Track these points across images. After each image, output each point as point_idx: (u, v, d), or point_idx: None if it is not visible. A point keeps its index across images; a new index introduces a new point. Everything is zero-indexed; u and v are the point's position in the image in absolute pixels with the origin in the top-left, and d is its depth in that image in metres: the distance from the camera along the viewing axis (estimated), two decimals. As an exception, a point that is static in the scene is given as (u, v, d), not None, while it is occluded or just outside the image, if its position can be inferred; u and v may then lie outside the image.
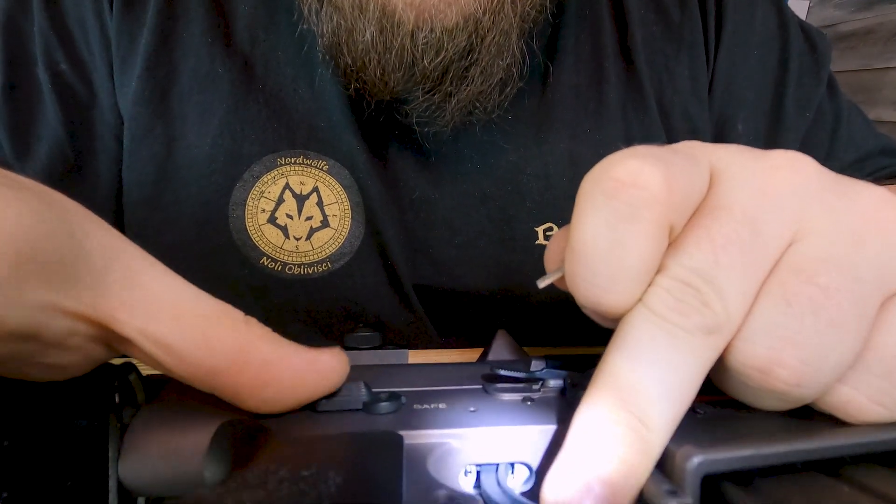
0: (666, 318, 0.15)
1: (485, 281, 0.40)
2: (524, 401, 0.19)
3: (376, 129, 0.40)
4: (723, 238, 0.15)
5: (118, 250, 0.15)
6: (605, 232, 0.15)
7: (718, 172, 0.17)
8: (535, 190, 0.40)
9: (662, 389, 0.15)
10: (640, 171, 0.15)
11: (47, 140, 0.37)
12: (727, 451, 0.14)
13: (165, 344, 0.15)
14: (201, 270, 0.38)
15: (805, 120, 0.46)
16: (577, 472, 0.14)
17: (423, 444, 0.16)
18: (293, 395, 0.16)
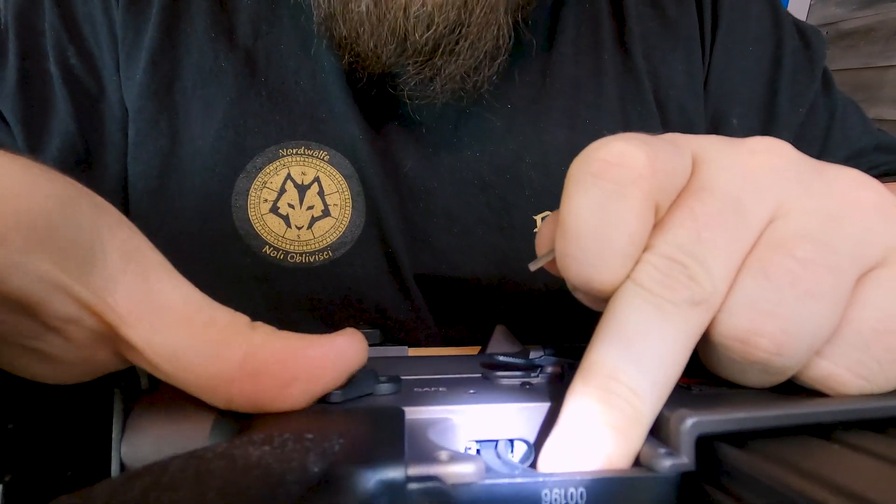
0: (654, 293, 0.16)
1: (484, 268, 0.41)
2: (523, 385, 0.19)
3: (377, 118, 0.40)
4: (706, 216, 0.16)
5: (138, 253, 0.15)
6: (595, 210, 0.16)
7: (700, 158, 0.18)
8: (533, 178, 0.41)
9: (652, 360, 0.15)
10: (625, 151, 0.16)
11: (59, 133, 0.38)
12: (721, 414, 0.15)
13: (172, 353, 0.15)
14: (204, 259, 0.39)
15: (798, 115, 0.46)
16: (574, 439, 0.15)
17: (424, 419, 0.17)
18: (317, 386, 0.16)
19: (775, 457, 0.14)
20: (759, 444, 0.15)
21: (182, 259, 0.40)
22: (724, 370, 0.18)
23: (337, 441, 0.13)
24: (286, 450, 0.13)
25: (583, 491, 0.14)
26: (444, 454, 0.14)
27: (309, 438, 0.13)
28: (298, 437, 0.13)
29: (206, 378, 0.15)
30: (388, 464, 0.13)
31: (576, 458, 0.15)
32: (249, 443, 0.13)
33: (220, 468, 0.12)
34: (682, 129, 0.44)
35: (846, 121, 0.48)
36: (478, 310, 0.42)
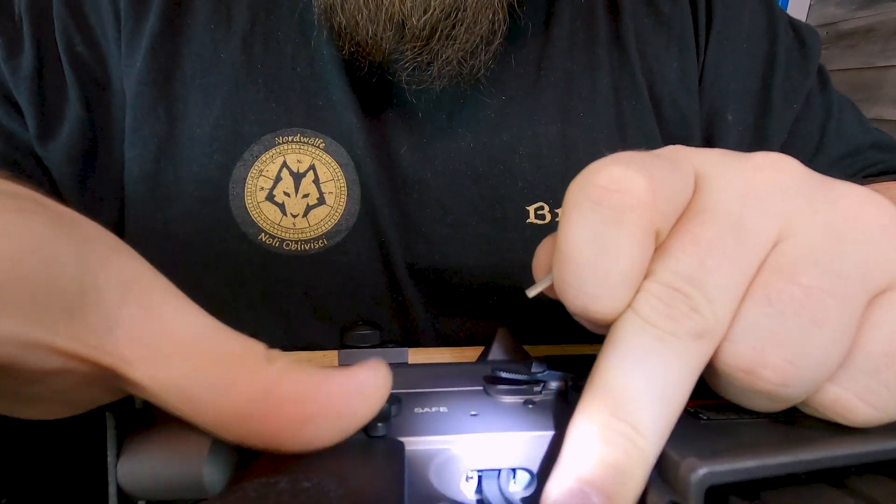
0: (656, 324, 0.15)
1: (476, 259, 0.41)
2: (525, 403, 0.19)
3: (373, 106, 0.40)
4: (708, 242, 0.15)
5: (137, 281, 0.14)
6: (592, 238, 0.15)
7: (702, 176, 0.17)
8: (526, 170, 0.41)
9: (654, 395, 0.15)
10: (624, 176, 0.15)
11: (70, 120, 0.38)
12: (731, 463, 0.14)
13: (180, 389, 0.14)
14: (200, 247, 0.39)
15: (792, 112, 0.46)
16: (574, 481, 0.14)
17: (424, 451, 0.16)
18: (338, 426, 0.14)
19: None
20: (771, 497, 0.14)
21: (178, 246, 0.41)
22: (731, 396, 0.17)
23: (335, 493, 0.13)
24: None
25: None
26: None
27: (306, 489, 0.13)
28: (294, 490, 0.13)
29: (218, 415, 0.14)
30: None
31: (578, 498, 0.14)
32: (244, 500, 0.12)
33: None
34: (677, 125, 0.44)
35: (842, 118, 0.48)
36: (471, 300, 0.42)
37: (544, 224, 0.41)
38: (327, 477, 0.13)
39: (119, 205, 0.40)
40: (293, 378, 0.14)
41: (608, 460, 0.14)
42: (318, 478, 0.13)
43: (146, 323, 0.14)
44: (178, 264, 0.40)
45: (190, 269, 0.40)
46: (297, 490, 0.13)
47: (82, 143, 0.39)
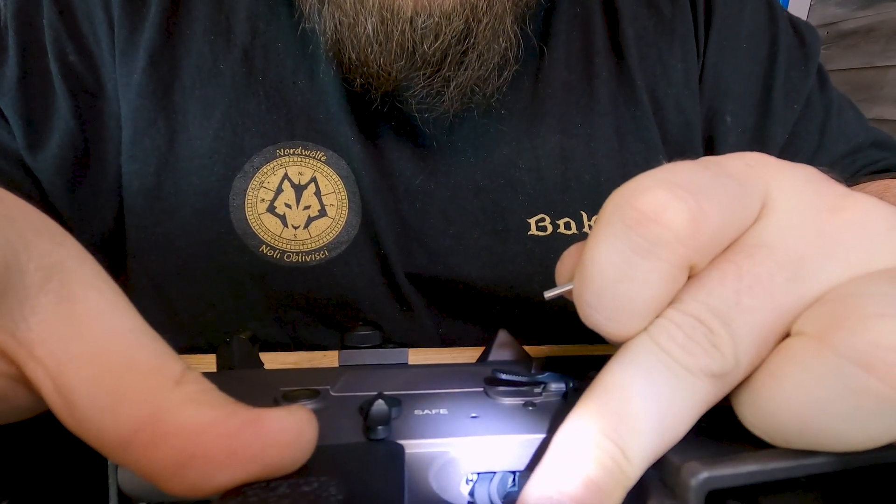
0: (670, 354, 0.14)
1: (478, 270, 0.41)
2: (526, 405, 0.19)
3: (373, 120, 0.41)
4: (753, 279, 0.14)
5: (60, 270, 0.13)
6: (617, 262, 0.14)
7: (771, 202, 0.15)
8: (527, 182, 0.41)
9: (651, 425, 0.14)
10: (667, 206, 0.14)
11: (59, 130, 0.38)
12: (732, 467, 0.14)
13: (70, 399, 0.12)
14: (201, 259, 0.39)
15: (793, 112, 0.46)
16: (556, 492, 0.14)
17: (424, 454, 0.16)
18: (231, 472, 0.12)
19: None
20: (769, 502, 0.14)
21: (179, 258, 0.41)
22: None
23: (335, 497, 0.13)
24: None
25: None
26: None
27: (306, 493, 0.13)
28: (295, 494, 0.13)
29: (98, 434, 0.12)
30: None
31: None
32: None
33: None
34: (680, 128, 0.44)
35: (842, 117, 0.48)
36: (474, 311, 0.42)
37: (545, 236, 0.41)
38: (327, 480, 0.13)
39: (114, 215, 0.40)
40: (191, 410, 0.12)
41: (592, 479, 0.14)
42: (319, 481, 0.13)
43: (61, 317, 0.12)
44: (180, 276, 0.40)
45: (192, 281, 0.40)
46: (298, 494, 0.12)
47: (73, 152, 0.38)
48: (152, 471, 0.12)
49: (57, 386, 0.12)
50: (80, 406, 0.12)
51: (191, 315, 0.41)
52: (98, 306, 0.13)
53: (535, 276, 0.41)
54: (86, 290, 0.13)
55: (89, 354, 0.12)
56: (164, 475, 0.12)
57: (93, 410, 0.12)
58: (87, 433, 0.12)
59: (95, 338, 0.12)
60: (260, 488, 0.13)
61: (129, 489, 0.15)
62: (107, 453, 0.12)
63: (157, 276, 0.40)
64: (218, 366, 0.22)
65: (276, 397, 0.18)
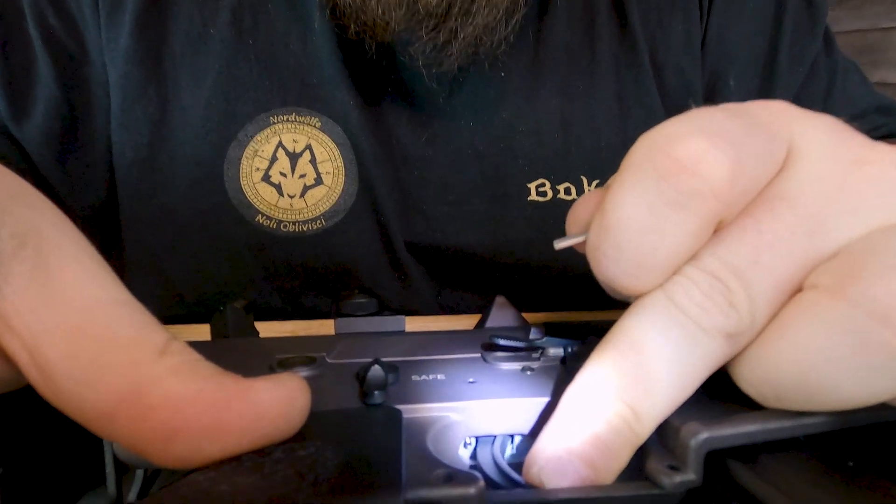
0: (686, 313, 0.14)
1: (478, 237, 0.41)
2: (524, 370, 0.19)
3: (369, 84, 0.40)
4: (773, 235, 0.14)
5: (35, 238, 0.12)
6: (644, 214, 0.14)
7: (795, 153, 0.15)
8: (527, 147, 0.41)
9: (663, 384, 0.14)
10: (705, 156, 0.13)
11: (43, 99, 0.37)
12: (732, 428, 0.14)
13: (47, 372, 0.12)
14: (198, 230, 0.39)
15: (798, 76, 0.45)
16: (562, 450, 0.14)
17: (422, 418, 0.16)
18: (220, 444, 0.12)
19: (786, 486, 0.13)
20: (770, 462, 0.14)
21: (175, 230, 0.40)
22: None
23: (332, 461, 0.13)
24: (276, 479, 0.12)
25: None
26: (443, 473, 0.13)
27: (302, 458, 0.13)
28: (290, 458, 0.12)
29: (80, 407, 0.12)
30: (386, 493, 0.12)
31: (563, 466, 0.14)
32: (237, 471, 0.12)
33: None
34: (680, 93, 0.43)
35: (847, 81, 0.47)
36: (473, 279, 0.42)
37: (546, 201, 0.41)
38: (323, 445, 0.13)
39: (106, 186, 0.39)
40: (175, 381, 0.12)
41: (602, 439, 0.14)
42: (315, 446, 0.13)
43: (37, 286, 0.12)
44: (176, 248, 0.39)
45: (189, 253, 0.40)
46: (293, 459, 0.12)
47: (59, 122, 0.37)
48: (138, 444, 0.12)
49: (33, 358, 0.12)
50: (58, 379, 0.12)
51: (188, 287, 0.40)
52: (76, 276, 0.12)
53: (535, 243, 0.41)
54: (63, 258, 0.12)
55: (66, 326, 0.12)
56: (151, 448, 0.12)
57: (72, 384, 0.12)
58: (68, 407, 0.12)
59: (73, 308, 0.12)
60: (255, 453, 0.13)
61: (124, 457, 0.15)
62: (90, 427, 0.12)
63: (153, 248, 0.40)
64: (212, 335, 0.22)
65: (270, 365, 0.18)
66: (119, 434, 0.12)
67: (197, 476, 0.12)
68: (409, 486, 0.13)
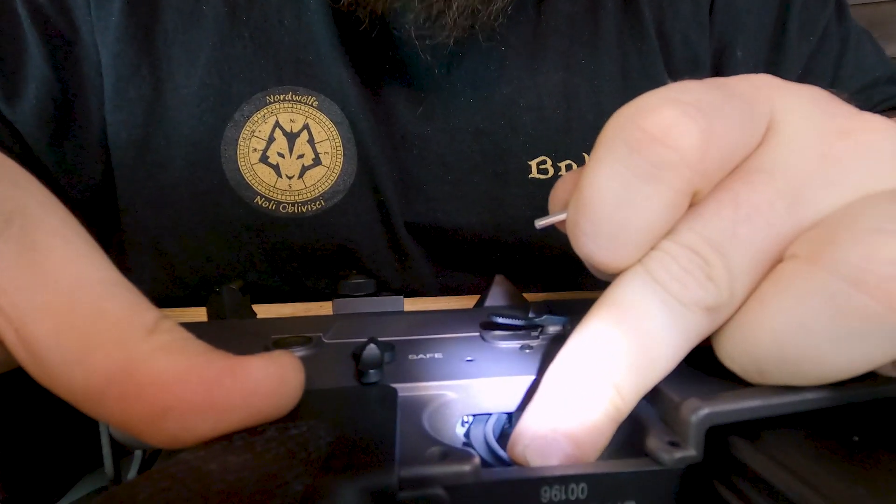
0: (665, 287, 0.14)
1: (479, 216, 0.40)
2: (522, 349, 0.19)
3: (367, 61, 0.39)
4: (751, 207, 0.14)
5: (21, 216, 0.12)
6: (617, 188, 0.14)
7: (776, 125, 0.15)
8: (528, 123, 0.40)
9: (643, 360, 0.14)
10: (674, 125, 0.13)
11: (34, 79, 0.36)
12: (733, 403, 0.14)
13: (34, 351, 0.12)
14: (196, 212, 0.39)
15: (809, 44, 0.44)
16: (547, 428, 0.14)
17: (418, 397, 0.16)
18: (211, 424, 0.12)
19: (788, 462, 0.13)
20: (772, 439, 0.13)
21: (173, 212, 0.40)
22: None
23: (324, 438, 0.12)
24: (267, 458, 0.11)
25: (584, 486, 0.13)
26: (438, 451, 0.13)
27: (294, 436, 0.12)
28: (282, 437, 0.12)
29: (68, 386, 0.12)
30: (379, 471, 0.12)
31: (548, 444, 0.14)
32: (229, 450, 0.12)
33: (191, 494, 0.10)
34: (687, 64, 0.42)
35: (860, 50, 0.46)
36: (473, 258, 0.42)
37: (547, 178, 0.40)
38: (317, 423, 0.13)
39: (102, 168, 0.39)
40: (165, 359, 0.12)
41: (586, 416, 0.14)
42: (308, 424, 0.13)
43: (23, 264, 0.12)
44: (175, 230, 0.39)
45: (188, 235, 0.39)
46: (286, 437, 0.12)
47: (52, 103, 0.37)
48: (129, 423, 0.12)
49: (21, 337, 0.12)
50: (46, 358, 0.12)
51: (188, 269, 0.40)
52: (63, 254, 0.12)
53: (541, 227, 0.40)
54: (50, 237, 0.12)
55: (53, 304, 0.12)
56: (141, 427, 0.12)
57: (60, 363, 0.12)
58: (56, 386, 0.12)
59: (60, 287, 0.12)
60: (247, 432, 0.12)
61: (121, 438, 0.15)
62: (79, 406, 0.12)
63: (152, 230, 0.39)
64: (209, 316, 0.22)
65: (266, 345, 0.18)
66: (108, 413, 0.12)
67: (187, 455, 0.12)
68: (403, 464, 0.12)
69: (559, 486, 0.13)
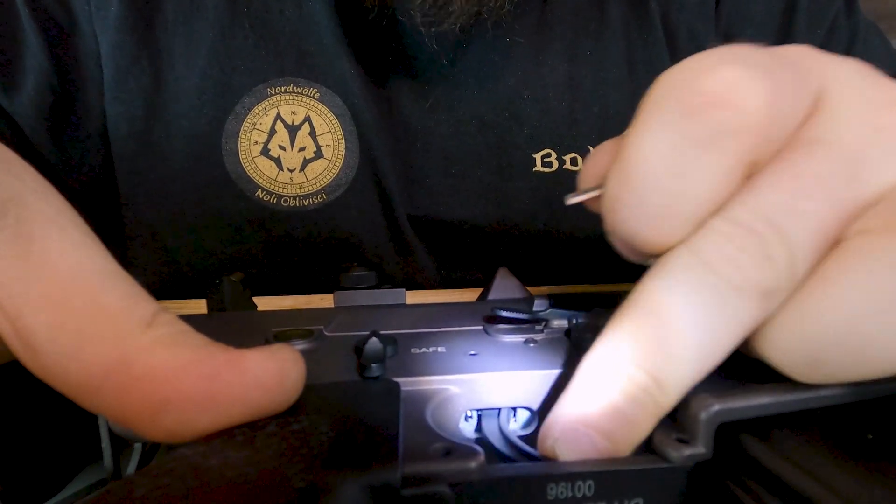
0: (715, 270, 0.13)
1: (482, 210, 0.40)
2: (527, 342, 0.18)
3: (370, 52, 0.38)
4: (812, 178, 0.13)
5: (17, 205, 0.12)
6: (670, 156, 0.13)
7: (827, 95, 0.14)
8: (532, 115, 0.40)
9: (690, 352, 0.13)
10: (740, 85, 0.12)
11: (32, 71, 0.36)
12: (744, 399, 0.13)
13: (30, 344, 0.11)
14: (197, 205, 0.38)
15: (816, 37, 0.44)
16: (578, 422, 0.13)
17: (421, 391, 0.16)
18: (210, 418, 0.12)
19: (801, 460, 0.12)
20: (784, 437, 0.13)
21: (174, 205, 0.40)
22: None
23: (326, 433, 0.12)
24: (268, 453, 0.11)
25: (591, 483, 0.13)
26: (442, 447, 0.13)
27: (295, 431, 0.12)
28: (283, 432, 0.12)
29: (65, 379, 0.12)
30: (382, 467, 0.11)
31: (581, 438, 0.13)
32: (229, 445, 0.11)
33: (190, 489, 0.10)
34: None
35: (868, 45, 0.45)
36: (476, 252, 0.42)
37: (551, 172, 0.40)
38: (318, 418, 0.13)
39: (102, 160, 0.39)
40: (163, 352, 0.12)
41: (623, 412, 0.13)
42: (309, 419, 0.13)
43: (18, 255, 0.12)
44: (176, 224, 0.39)
45: (189, 229, 0.39)
46: (286, 432, 0.12)
47: (51, 95, 0.36)
48: (126, 417, 0.11)
49: (16, 329, 0.11)
50: (42, 351, 0.11)
51: (190, 262, 0.40)
52: (60, 245, 0.12)
53: (540, 215, 0.40)
54: (46, 226, 0.12)
55: (49, 296, 0.11)
56: (139, 421, 0.11)
57: (56, 355, 0.11)
58: (53, 379, 0.12)
59: (56, 278, 0.12)
60: (247, 426, 0.12)
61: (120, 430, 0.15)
62: (76, 399, 0.12)
63: (153, 224, 0.39)
64: (209, 308, 0.22)
65: (266, 338, 0.18)
66: (106, 406, 0.12)
67: (186, 450, 0.11)
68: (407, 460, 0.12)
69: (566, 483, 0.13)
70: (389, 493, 0.11)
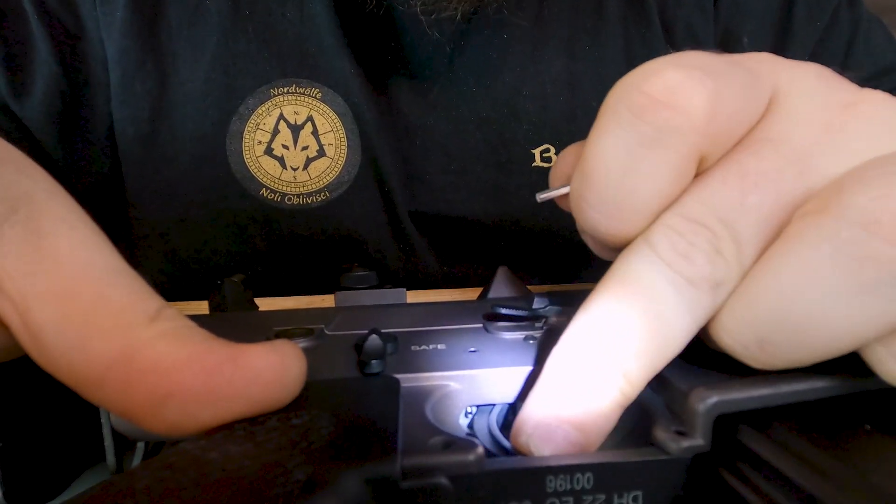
0: (669, 263, 0.13)
1: (482, 206, 0.40)
2: (526, 339, 0.18)
3: (370, 52, 0.39)
4: (758, 176, 0.13)
5: (27, 202, 0.12)
6: (623, 155, 0.14)
7: (780, 97, 0.14)
8: (531, 111, 0.40)
9: (649, 344, 0.14)
10: (680, 87, 0.13)
11: (42, 75, 0.37)
12: (743, 391, 0.13)
13: (37, 336, 0.12)
14: (202, 205, 0.39)
15: (816, 30, 0.43)
16: (550, 416, 0.14)
17: (421, 387, 0.16)
18: (212, 412, 0.12)
19: (799, 450, 0.12)
20: (783, 428, 0.13)
21: (180, 206, 0.40)
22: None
23: (326, 427, 0.12)
24: (269, 447, 0.11)
25: (590, 476, 0.13)
26: (441, 440, 0.13)
27: (296, 426, 0.12)
28: (284, 426, 0.12)
29: (70, 372, 0.12)
30: (381, 460, 0.12)
31: (553, 431, 0.14)
32: (229, 439, 0.12)
33: (190, 482, 0.10)
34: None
35: (870, 37, 0.45)
36: (478, 248, 0.42)
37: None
38: (319, 414, 0.13)
39: (110, 162, 0.39)
40: (166, 346, 0.12)
41: (591, 404, 0.14)
42: (310, 415, 0.13)
43: (28, 250, 0.12)
44: (182, 224, 0.39)
45: (195, 228, 0.40)
46: (287, 427, 0.12)
47: (60, 99, 0.37)
48: (129, 410, 0.12)
49: (24, 322, 0.12)
50: (48, 343, 0.12)
51: (195, 261, 0.40)
52: (68, 241, 0.12)
53: (540, 210, 0.40)
54: (55, 223, 0.12)
55: (57, 290, 0.12)
56: (141, 414, 0.12)
57: (62, 348, 0.12)
58: (59, 371, 0.12)
59: (64, 273, 0.12)
60: (248, 421, 0.12)
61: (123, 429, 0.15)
62: (81, 392, 0.12)
63: (160, 224, 0.40)
64: (211, 310, 0.22)
65: (268, 337, 0.18)
66: (109, 399, 0.12)
67: (187, 444, 0.12)
68: (406, 454, 0.12)
69: (565, 475, 0.13)
70: (389, 485, 0.12)
